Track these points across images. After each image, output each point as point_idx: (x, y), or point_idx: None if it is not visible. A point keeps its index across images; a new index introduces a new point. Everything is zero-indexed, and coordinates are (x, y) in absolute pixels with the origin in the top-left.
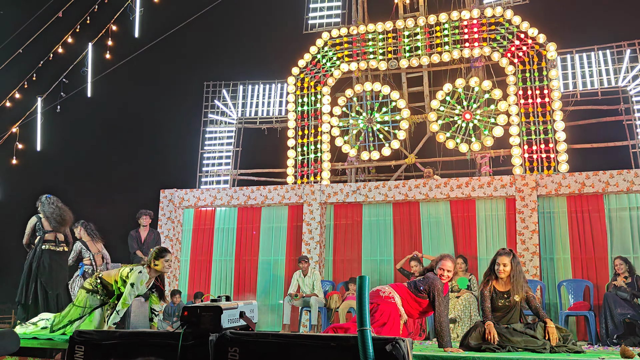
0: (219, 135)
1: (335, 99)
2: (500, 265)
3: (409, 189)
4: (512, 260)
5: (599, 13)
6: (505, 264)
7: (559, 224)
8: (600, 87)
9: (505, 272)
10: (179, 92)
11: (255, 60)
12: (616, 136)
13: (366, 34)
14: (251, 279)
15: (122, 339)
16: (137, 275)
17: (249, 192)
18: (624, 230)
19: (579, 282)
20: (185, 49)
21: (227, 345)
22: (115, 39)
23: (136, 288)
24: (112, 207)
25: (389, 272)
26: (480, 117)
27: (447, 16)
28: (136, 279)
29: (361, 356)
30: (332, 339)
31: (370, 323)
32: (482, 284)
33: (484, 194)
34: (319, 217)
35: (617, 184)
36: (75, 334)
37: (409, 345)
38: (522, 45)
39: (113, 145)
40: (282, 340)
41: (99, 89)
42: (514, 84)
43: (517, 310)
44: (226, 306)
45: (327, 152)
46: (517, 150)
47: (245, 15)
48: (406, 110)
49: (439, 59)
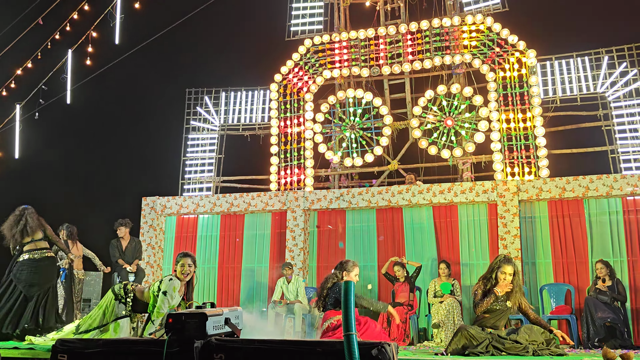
0: (201, 142)
1: (318, 105)
2: (505, 275)
3: (392, 195)
4: (515, 269)
5: (577, 20)
6: (510, 274)
7: (540, 228)
8: (579, 93)
9: (507, 283)
10: (160, 99)
11: (238, 67)
12: (595, 141)
13: (348, 41)
14: (234, 287)
15: (105, 347)
16: (168, 283)
17: (231, 199)
18: (604, 234)
19: (560, 286)
20: (167, 55)
21: (213, 352)
22: (95, 45)
23: (170, 296)
24: (93, 215)
25: (372, 277)
26: (462, 123)
27: (429, 23)
28: (168, 286)
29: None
30: (318, 344)
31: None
32: (480, 286)
33: (466, 199)
34: (302, 223)
35: (596, 188)
36: (58, 343)
37: (394, 349)
38: (502, 52)
39: (93, 153)
40: (268, 346)
41: (78, 96)
42: (494, 90)
43: (507, 315)
44: (211, 313)
45: (310, 159)
46: (498, 156)
47: (227, 22)
48: (388, 116)
49: (420, 65)
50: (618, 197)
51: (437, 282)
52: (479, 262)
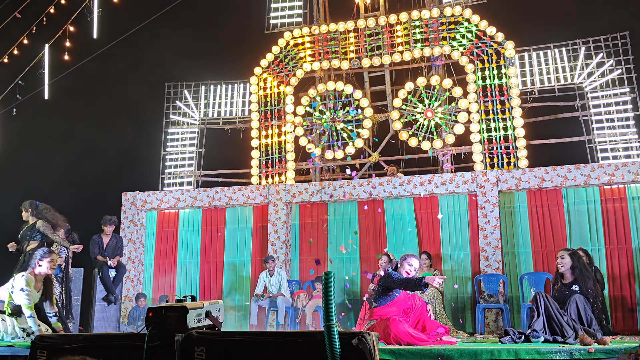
0: (181, 137)
1: (298, 98)
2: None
3: (373, 187)
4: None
5: (554, 12)
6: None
7: (520, 218)
8: (557, 84)
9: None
10: (139, 94)
11: (217, 61)
12: (573, 132)
13: (328, 33)
14: (217, 281)
15: (85, 342)
16: (19, 279)
17: (213, 193)
18: (582, 224)
19: (540, 274)
20: (145, 49)
21: (194, 345)
22: (73, 40)
23: (27, 292)
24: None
25: (355, 269)
26: (442, 115)
27: (408, 15)
28: (19, 282)
29: (328, 351)
30: (298, 335)
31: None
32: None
33: (446, 190)
34: (284, 216)
35: (574, 178)
36: (37, 339)
37: (374, 339)
38: (480, 44)
39: (72, 148)
40: (249, 338)
41: (56, 91)
42: (473, 82)
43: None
44: (192, 306)
45: (292, 152)
46: (478, 147)
47: (206, 15)
48: (369, 109)
49: (400, 57)
50: (596, 187)
51: (419, 272)
52: (459, 252)
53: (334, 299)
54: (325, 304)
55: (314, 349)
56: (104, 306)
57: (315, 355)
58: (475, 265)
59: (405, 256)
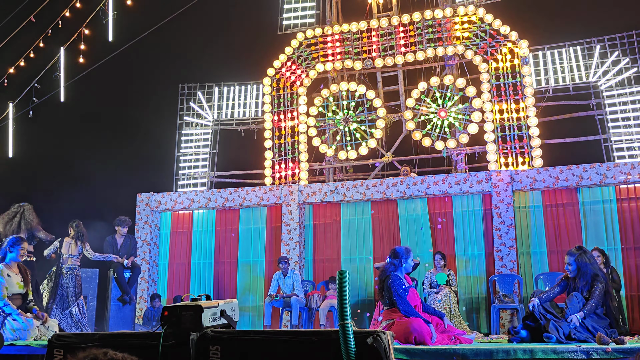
0: (195, 138)
1: (311, 99)
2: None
3: (386, 187)
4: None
5: (569, 10)
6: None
7: (535, 218)
8: (571, 82)
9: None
10: (153, 95)
11: (230, 62)
12: (588, 131)
13: (341, 34)
14: (231, 281)
15: (101, 340)
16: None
17: (226, 194)
18: (598, 223)
19: (555, 274)
20: (159, 51)
21: (209, 344)
22: (88, 42)
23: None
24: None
25: (368, 270)
26: (455, 115)
27: (421, 15)
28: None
29: (343, 350)
30: (313, 334)
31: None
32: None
33: (460, 190)
34: (297, 217)
35: (590, 177)
36: (54, 338)
37: (389, 338)
38: (494, 43)
39: (87, 150)
40: (264, 337)
41: (72, 94)
42: (487, 81)
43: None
44: (206, 305)
45: (305, 153)
46: (492, 147)
47: (219, 17)
48: (382, 109)
49: (413, 57)
50: (612, 186)
51: (433, 273)
52: (474, 252)
53: (349, 297)
54: (340, 302)
55: (328, 347)
56: (119, 306)
57: (330, 354)
58: (490, 266)
59: (407, 250)
